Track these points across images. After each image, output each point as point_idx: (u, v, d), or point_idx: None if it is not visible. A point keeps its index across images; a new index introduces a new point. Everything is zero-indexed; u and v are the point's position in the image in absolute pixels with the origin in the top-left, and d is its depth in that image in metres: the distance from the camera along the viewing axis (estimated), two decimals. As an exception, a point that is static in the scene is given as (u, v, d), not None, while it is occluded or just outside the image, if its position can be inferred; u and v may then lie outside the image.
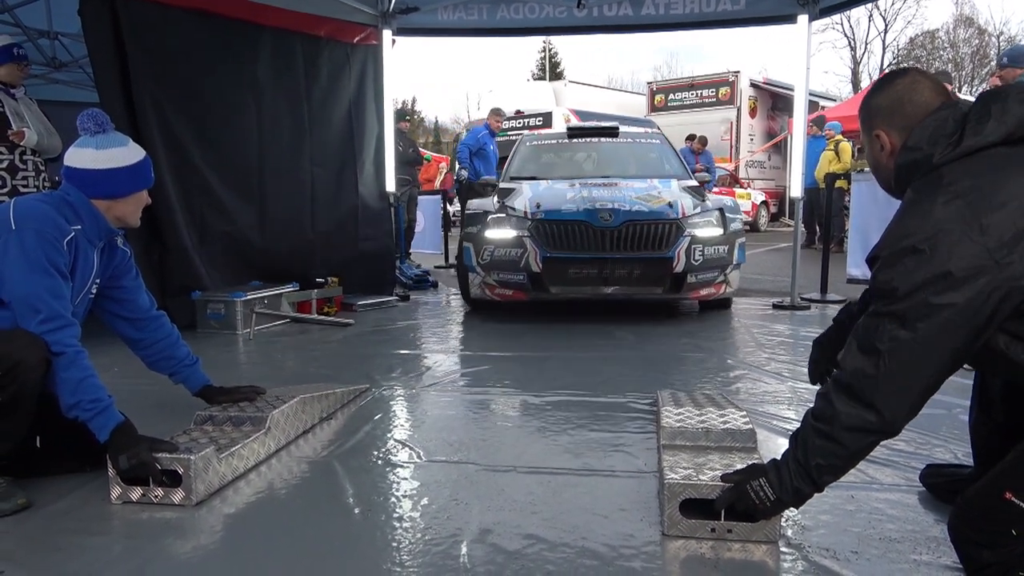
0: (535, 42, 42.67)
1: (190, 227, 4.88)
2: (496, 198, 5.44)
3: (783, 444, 2.39)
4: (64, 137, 4.62)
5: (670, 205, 4.82)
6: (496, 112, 9.27)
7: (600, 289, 4.72)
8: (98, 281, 2.34)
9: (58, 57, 6.98)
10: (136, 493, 2.02)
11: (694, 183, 5.69)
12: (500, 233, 4.89)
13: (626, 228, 4.63)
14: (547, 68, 39.99)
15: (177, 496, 2.01)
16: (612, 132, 6.71)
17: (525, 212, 4.88)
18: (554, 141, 6.91)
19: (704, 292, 4.87)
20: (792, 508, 1.72)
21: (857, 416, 1.51)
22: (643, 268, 4.70)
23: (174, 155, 4.77)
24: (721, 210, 5.06)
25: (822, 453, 1.57)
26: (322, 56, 5.97)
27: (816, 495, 1.66)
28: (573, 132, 6.96)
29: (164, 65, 4.68)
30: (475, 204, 5.55)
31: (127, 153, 2.27)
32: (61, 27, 6.39)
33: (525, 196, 5.16)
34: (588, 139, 6.79)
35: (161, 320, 2.55)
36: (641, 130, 6.93)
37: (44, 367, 1.99)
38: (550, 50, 41.28)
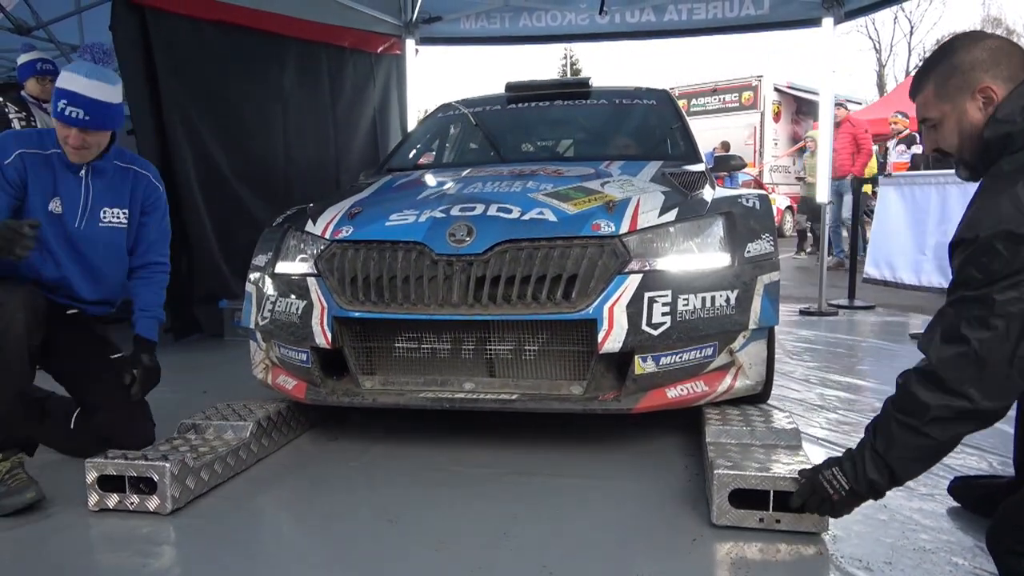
0: (557, 49, 42.72)
1: (217, 235, 4.94)
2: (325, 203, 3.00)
3: (813, 450, 2.38)
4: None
5: (607, 208, 2.49)
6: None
7: (457, 385, 2.45)
8: (112, 208, 2.44)
9: (90, 71, 7.13)
10: (112, 500, 2.04)
11: (694, 169, 3.20)
12: (286, 267, 2.73)
13: (499, 258, 2.37)
14: (568, 75, 40.06)
15: (152, 504, 2.02)
16: (579, 91, 4.18)
17: (324, 229, 2.67)
18: (481, 109, 4.20)
19: (677, 393, 2.36)
20: (872, 499, 1.66)
21: (948, 406, 1.46)
22: (539, 342, 2.40)
23: (202, 165, 4.84)
24: (728, 216, 2.54)
25: (906, 446, 1.53)
26: (347, 66, 6.05)
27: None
28: (516, 93, 4.18)
29: (193, 77, 4.77)
30: (290, 213, 3.13)
31: (87, 86, 2.28)
32: (93, 42, 6.53)
33: (353, 198, 2.95)
34: (541, 104, 4.19)
35: (153, 267, 2.58)
36: (631, 88, 4.26)
37: (29, 320, 2.12)
38: (571, 57, 41.36)
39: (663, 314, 2.30)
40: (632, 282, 2.32)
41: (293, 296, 2.60)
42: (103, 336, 2.52)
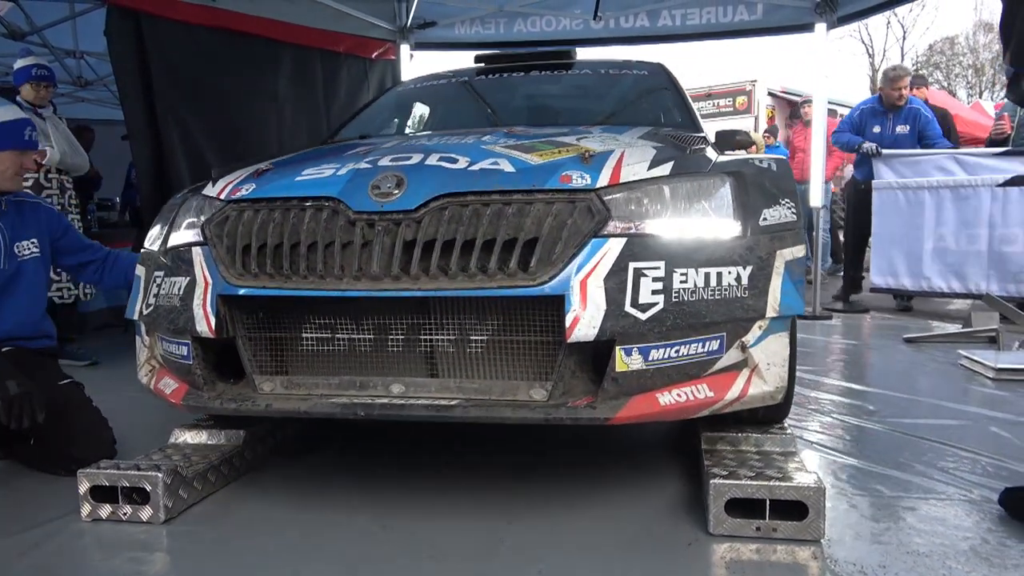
0: (551, 54, 42.67)
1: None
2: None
3: (809, 455, 2.39)
4: (91, 154, 4.72)
5: (582, 159, 1.97)
6: (895, 76, 5.57)
7: (382, 387, 1.96)
8: (22, 242, 2.56)
9: (84, 76, 7.13)
10: (105, 511, 2.02)
11: (697, 135, 2.74)
12: (175, 239, 2.22)
13: (435, 216, 1.86)
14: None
15: (145, 514, 2.00)
16: (561, 62, 3.60)
17: (222, 189, 2.17)
18: (446, 81, 3.70)
19: (672, 399, 1.86)
20: None
21: None
22: (488, 328, 1.91)
23: (197, 169, 4.82)
24: (737, 176, 2.01)
25: None
26: (341, 71, 6.07)
27: (842, 508, 1.62)
28: (489, 65, 3.69)
29: (187, 82, 4.77)
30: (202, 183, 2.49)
31: None
32: (87, 47, 6.53)
33: (272, 160, 2.46)
34: (515, 75, 3.61)
35: (113, 253, 2.91)
36: (620, 60, 3.74)
37: None
38: (566, 62, 41.34)
39: (654, 292, 1.78)
40: (612, 248, 1.80)
41: (177, 273, 2.09)
42: (42, 365, 2.56)
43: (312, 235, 1.90)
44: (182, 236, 2.19)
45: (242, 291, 1.93)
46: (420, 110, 3.77)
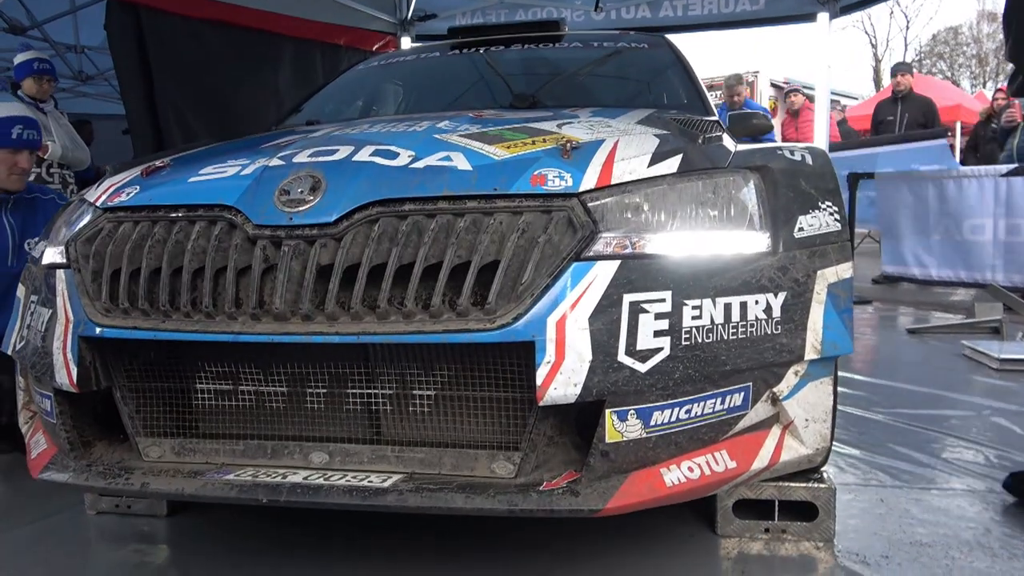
0: (553, 46, 42.56)
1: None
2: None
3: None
4: (93, 149, 4.73)
5: (562, 152, 1.54)
6: (727, 84, 6.42)
7: (300, 456, 1.53)
8: (33, 239, 2.46)
9: (84, 70, 7.14)
10: (109, 503, 2.02)
11: (709, 119, 2.19)
12: (49, 255, 1.73)
13: (361, 232, 1.44)
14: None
15: (148, 506, 1.99)
16: (547, 35, 3.14)
17: (102, 193, 1.72)
18: (413, 57, 3.30)
19: (682, 475, 1.46)
20: None
21: None
22: (435, 383, 1.50)
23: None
24: (763, 172, 1.60)
25: None
26: (342, 64, 6.05)
27: (845, 499, 1.62)
28: (462, 39, 3.20)
29: (187, 75, 4.77)
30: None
31: None
32: (87, 41, 6.53)
33: (182, 154, 2.03)
34: (492, 49, 3.07)
35: None
36: (616, 31, 3.12)
37: None
38: (568, 54, 41.21)
39: (657, 334, 1.40)
40: (601, 274, 1.40)
41: (44, 303, 1.67)
42: None
43: (199, 258, 1.49)
44: (51, 254, 1.72)
45: (99, 331, 1.51)
46: (380, 92, 3.25)
